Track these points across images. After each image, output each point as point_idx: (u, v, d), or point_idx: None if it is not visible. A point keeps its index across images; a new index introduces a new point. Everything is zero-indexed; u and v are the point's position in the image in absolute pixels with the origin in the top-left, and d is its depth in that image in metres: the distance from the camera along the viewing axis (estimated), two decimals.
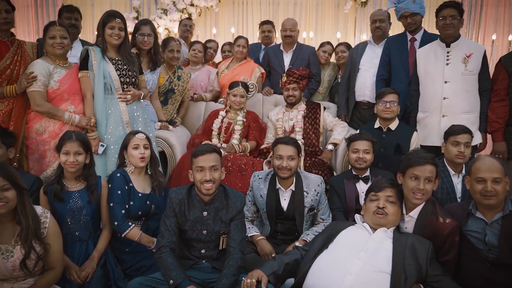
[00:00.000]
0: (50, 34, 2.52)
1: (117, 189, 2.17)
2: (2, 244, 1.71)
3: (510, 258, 1.70)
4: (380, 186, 1.94)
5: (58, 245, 1.85)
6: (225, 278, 1.82)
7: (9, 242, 1.72)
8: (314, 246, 1.86)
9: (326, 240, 1.86)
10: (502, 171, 1.78)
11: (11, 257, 1.70)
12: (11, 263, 1.70)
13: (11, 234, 1.74)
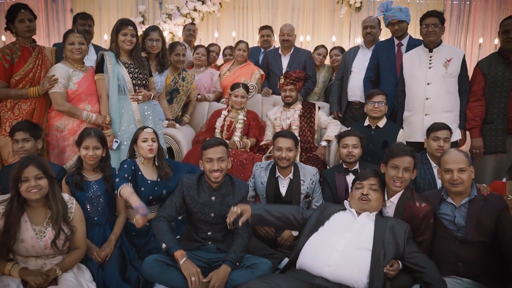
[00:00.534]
0: (69, 41, 2.77)
1: (124, 165, 2.41)
2: (36, 226, 1.96)
3: (475, 236, 1.95)
4: (364, 175, 2.19)
5: (82, 228, 2.11)
6: (233, 253, 2.08)
7: (42, 224, 1.98)
8: (310, 222, 2.11)
9: (319, 220, 2.10)
10: (467, 162, 2.03)
11: (43, 237, 1.96)
12: (43, 242, 1.95)
13: (43, 217, 1.99)
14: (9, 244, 1.90)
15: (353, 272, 1.90)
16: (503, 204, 1.99)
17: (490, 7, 5.55)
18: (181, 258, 2.00)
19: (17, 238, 1.91)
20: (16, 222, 1.92)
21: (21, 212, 1.95)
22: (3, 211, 1.92)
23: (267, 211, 2.15)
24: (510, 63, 2.89)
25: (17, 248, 1.93)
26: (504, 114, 2.86)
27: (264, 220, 2.16)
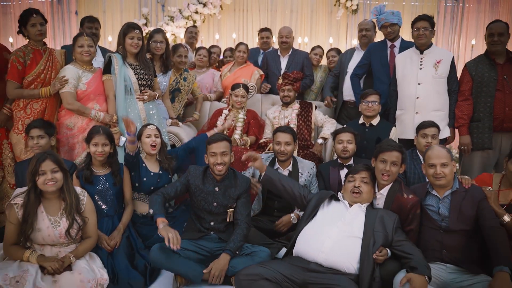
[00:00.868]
0: (79, 43, 2.93)
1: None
2: (51, 216, 2.12)
3: (457, 225, 2.11)
4: (356, 169, 2.35)
5: (93, 218, 2.26)
6: (232, 243, 2.25)
7: (57, 214, 2.14)
8: (309, 206, 2.29)
9: (317, 204, 2.28)
10: (449, 157, 2.19)
11: (58, 226, 2.12)
12: (58, 231, 2.11)
13: (58, 208, 2.15)
14: (27, 233, 2.06)
15: (345, 258, 2.05)
16: (483, 194, 2.15)
17: (482, 10, 5.70)
18: (161, 224, 2.17)
19: (34, 227, 2.07)
20: (33, 212, 2.07)
21: (38, 204, 2.10)
22: (21, 202, 2.08)
23: (279, 179, 2.38)
24: (495, 64, 3.06)
25: (34, 236, 2.09)
26: (490, 113, 3.02)
27: (273, 185, 2.38)
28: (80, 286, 2.02)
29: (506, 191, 2.30)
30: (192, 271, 2.20)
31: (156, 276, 2.39)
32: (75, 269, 2.07)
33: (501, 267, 1.90)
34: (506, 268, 1.90)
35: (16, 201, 2.08)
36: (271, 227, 2.70)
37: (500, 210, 2.15)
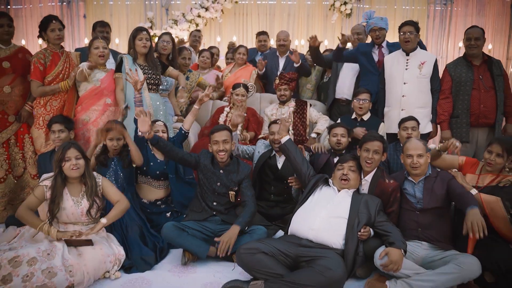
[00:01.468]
0: (94, 45, 3.23)
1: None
2: (74, 197, 2.43)
3: (430, 203, 2.40)
4: (345, 159, 2.64)
5: (112, 187, 2.56)
6: (242, 218, 2.56)
7: (78, 195, 2.44)
8: (308, 185, 2.60)
9: (314, 185, 2.58)
10: (424, 149, 2.48)
11: (80, 205, 2.42)
12: (80, 210, 2.42)
13: (79, 190, 2.46)
14: (54, 211, 2.36)
15: (332, 235, 2.34)
16: (451, 175, 2.46)
17: (470, 13, 6.01)
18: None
19: (60, 206, 2.37)
20: (60, 194, 2.38)
21: (63, 186, 2.41)
22: (50, 185, 2.38)
23: (296, 151, 2.72)
24: (472, 66, 3.36)
25: (59, 215, 2.39)
26: (467, 110, 3.32)
27: (288, 153, 2.73)
28: (102, 259, 2.33)
29: (484, 176, 2.59)
30: (198, 247, 2.50)
31: (165, 254, 2.68)
32: (96, 245, 2.38)
33: (471, 206, 2.17)
34: (475, 206, 2.17)
35: (45, 183, 2.38)
36: (268, 211, 3.01)
37: (467, 185, 2.45)
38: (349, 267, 2.27)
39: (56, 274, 2.10)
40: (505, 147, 2.49)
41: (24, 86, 3.26)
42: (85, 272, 2.21)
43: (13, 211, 3.23)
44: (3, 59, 3.18)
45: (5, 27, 3.19)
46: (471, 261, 2.13)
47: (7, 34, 3.22)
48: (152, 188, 3.01)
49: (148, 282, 2.34)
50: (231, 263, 2.54)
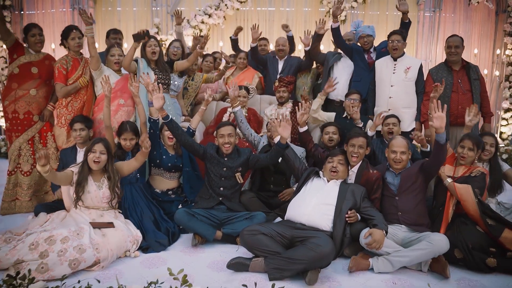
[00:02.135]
0: (111, 53, 3.60)
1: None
2: (96, 182, 2.79)
3: (407, 184, 2.76)
4: (334, 153, 2.99)
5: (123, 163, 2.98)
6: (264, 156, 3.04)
7: (99, 181, 2.81)
8: (302, 177, 2.93)
9: (307, 177, 2.91)
10: (407, 146, 2.84)
11: (101, 189, 2.79)
12: (101, 193, 2.78)
13: (100, 177, 2.83)
14: (79, 193, 2.74)
15: (322, 219, 2.67)
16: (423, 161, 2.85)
17: (457, 20, 6.36)
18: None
19: (85, 190, 2.74)
20: (85, 179, 2.76)
21: (88, 173, 2.78)
22: (77, 171, 2.76)
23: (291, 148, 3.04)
24: (452, 71, 3.71)
25: (84, 198, 2.76)
26: (447, 110, 3.66)
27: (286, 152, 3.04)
28: (122, 240, 2.68)
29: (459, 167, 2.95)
30: (206, 230, 2.85)
31: (177, 238, 3.03)
32: (117, 228, 2.73)
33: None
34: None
35: (73, 169, 2.78)
36: (268, 201, 3.36)
37: (443, 174, 2.81)
38: (337, 247, 2.61)
39: (85, 250, 2.46)
40: (475, 142, 2.85)
41: (47, 89, 3.62)
42: (109, 249, 2.56)
43: (37, 201, 3.61)
44: (32, 65, 3.55)
45: (37, 36, 3.56)
46: (440, 238, 2.49)
47: (39, 42, 3.58)
48: (164, 179, 3.36)
49: (163, 260, 2.69)
50: (235, 245, 2.89)
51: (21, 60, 3.54)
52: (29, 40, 3.58)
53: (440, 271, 2.50)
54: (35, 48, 3.59)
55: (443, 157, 2.72)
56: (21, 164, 3.59)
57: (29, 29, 3.58)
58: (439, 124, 2.58)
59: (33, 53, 3.59)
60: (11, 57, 3.59)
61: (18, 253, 2.43)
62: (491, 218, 2.64)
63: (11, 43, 3.55)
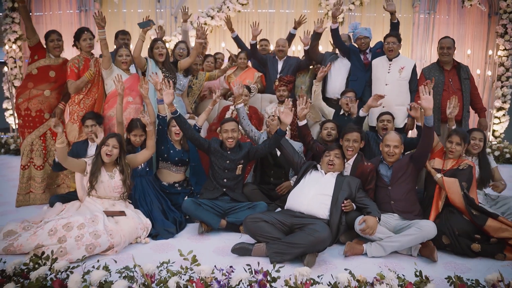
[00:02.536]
0: (119, 53, 3.80)
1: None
2: (108, 172, 2.99)
3: (398, 174, 2.97)
4: (331, 147, 3.19)
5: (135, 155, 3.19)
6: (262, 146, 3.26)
7: (111, 171, 3.01)
8: (301, 170, 3.12)
9: (305, 170, 3.10)
10: (400, 141, 3.04)
11: (113, 179, 2.99)
12: (113, 183, 2.98)
13: (112, 168, 3.02)
14: (93, 182, 2.94)
15: (319, 209, 2.87)
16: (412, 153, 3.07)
17: (451, 22, 6.57)
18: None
19: (98, 179, 2.95)
20: (98, 169, 2.96)
21: (102, 164, 2.98)
22: (90, 161, 2.97)
23: (287, 145, 3.25)
24: (443, 70, 3.92)
25: (98, 187, 2.96)
26: (438, 107, 3.88)
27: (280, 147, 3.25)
28: (134, 227, 2.88)
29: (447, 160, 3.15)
30: (212, 219, 3.06)
31: (183, 226, 3.24)
32: (129, 216, 2.94)
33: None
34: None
35: (87, 160, 3.00)
36: (269, 193, 3.56)
37: (432, 170, 3.01)
38: (333, 234, 2.82)
39: (100, 236, 2.66)
40: (462, 137, 3.06)
41: (60, 91, 3.85)
42: (122, 235, 2.76)
43: (50, 194, 3.81)
44: (51, 68, 3.79)
45: (55, 41, 3.79)
46: (428, 224, 2.69)
47: (57, 47, 3.80)
48: (171, 172, 3.56)
49: (172, 246, 2.89)
50: (238, 233, 3.10)
51: (40, 62, 3.78)
52: (48, 45, 3.81)
53: (428, 255, 2.70)
54: (54, 53, 3.81)
55: (430, 140, 2.96)
56: (34, 158, 3.79)
57: (49, 34, 3.81)
58: (427, 105, 2.85)
59: (53, 57, 3.80)
60: (32, 57, 3.81)
61: (38, 238, 2.63)
62: (476, 210, 2.84)
63: (35, 43, 3.78)
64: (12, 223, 2.93)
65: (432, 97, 2.85)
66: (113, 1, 6.57)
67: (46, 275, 2.12)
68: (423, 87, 2.90)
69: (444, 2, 6.59)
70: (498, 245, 2.75)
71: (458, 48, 6.55)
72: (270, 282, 2.10)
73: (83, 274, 2.10)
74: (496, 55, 6.49)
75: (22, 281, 2.09)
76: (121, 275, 2.12)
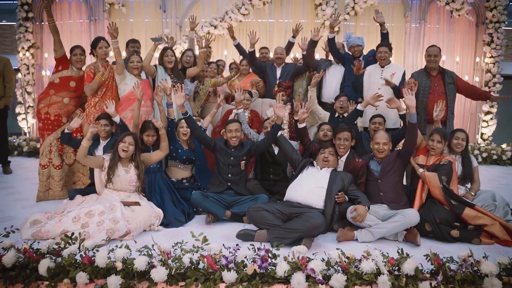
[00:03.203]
0: (130, 60, 4.15)
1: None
2: (124, 167, 3.31)
3: (387, 168, 3.29)
4: (325, 146, 3.52)
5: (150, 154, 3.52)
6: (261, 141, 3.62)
7: (127, 166, 3.33)
8: (298, 166, 3.45)
9: (302, 166, 3.43)
10: (388, 139, 3.38)
11: (128, 173, 3.31)
12: (129, 177, 3.30)
13: (128, 164, 3.34)
14: (110, 176, 3.26)
15: (315, 199, 3.19)
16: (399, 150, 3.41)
17: (441, 31, 6.95)
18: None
19: (115, 173, 3.27)
20: (115, 164, 3.29)
21: (118, 160, 3.30)
22: (107, 158, 3.30)
23: (286, 143, 3.60)
24: (430, 76, 4.27)
25: (114, 180, 3.28)
26: (425, 109, 4.22)
27: (280, 145, 3.61)
28: (147, 215, 3.20)
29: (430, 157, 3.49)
30: (218, 209, 3.38)
31: (192, 217, 3.56)
32: (143, 205, 3.25)
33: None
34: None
35: (105, 157, 3.33)
36: (270, 188, 3.89)
37: (416, 165, 3.34)
38: (327, 222, 3.13)
39: (118, 222, 2.97)
40: (442, 135, 3.40)
41: (78, 100, 4.22)
42: (137, 221, 3.08)
43: (67, 190, 4.12)
44: (72, 79, 4.15)
45: (78, 56, 4.15)
46: (412, 212, 3.02)
47: (79, 61, 4.17)
48: (179, 169, 3.89)
49: (182, 233, 3.20)
50: (242, 223, 3.41)
51: (63, 73, 4.15)
52: (71, 58, 4.18)
53: (412, 240, 3.02)
54: (76, 65, 4.18)
55: (414, 135, 3.31)
56: (52, 159, 4.13)
57: (73, 49, 4.19)
58: (410, 103, 3.26)
59: (75, 69, 4.16)
60: (56, 67, 4.19)
61: (63, 225, 2.95)
62: (455, 200, 3.17)
63: (60, 55, 4.16)
64: (36, 214, 3.25)
65: (414, 97, 3.19)
66: (121, 11, 6.94)
67: (75, 253, 2.44)
68: (407, 89, 3.25)
69: (434, 12, 6.97)
70: (475, 231, 3.07)
71: (448, 55, 6.94)
72: (271, 258, 2.42)
73: (108, 251, 2.42)
74: (483, 62, 6.86)
75: (55, 258, 2.41)
76: (141, 253, 2.44)
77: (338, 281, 2.28)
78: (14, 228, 2.83)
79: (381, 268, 2.33)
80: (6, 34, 7.68)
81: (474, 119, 7.09)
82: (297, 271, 2.31)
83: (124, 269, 2.33)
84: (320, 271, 2.32)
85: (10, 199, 4.10)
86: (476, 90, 4.45)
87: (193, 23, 5.06)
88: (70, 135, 3.75)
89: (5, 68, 5.12)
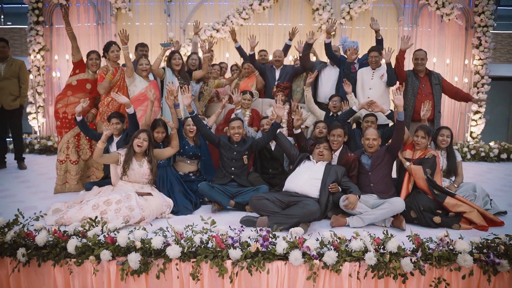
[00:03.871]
0: (139, 63, 4.47)
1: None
2: (138, 161, 3.64)
3: (377, 162, 3.62)
4: (320, 141, 3.86)
5: (162, 150, 3.83)
6: (261, 138, 3.94)
7: (141, 161, 3.65)
8: (296, 160, 3.77)
9: (300, 160, 3.75)
10: (377, 135, 3.71)
11: (141, 167, 3.63)
12: (142, 170, 3.62)
13: (141, 158, 3.67)
14: (125, 169, 3.59)
15: (311, 189, 3.52)
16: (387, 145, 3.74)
17: (433, 34, 7.28)
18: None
19: (130, 167, 3.59)
20: (130, 158, 3.61)
21: (133, 154, 3.63)
22: (123, 153, 3.62)
23: (285, 140, 3.92)
24: (418, 77, 4.61)
25: (129, 173, 3.61)
26: (412, 107, 4.56)
27: (279, 141, 3.93)
28: (159, 203, 3.52)
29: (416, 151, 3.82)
30: (223, 199, 3.71)
31: (198, 207, 3.89)
32: (155, 195, 3.58)
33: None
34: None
35: (121, 152, 3.65)
36: (269, 181, 4.21)
37: (403, 159, 3.68)
38: (322, 210, 3.46)
39: (133, 209, 3.30)
40: (426, 131, 3.73)
41: (93, 101, 4.54)
42: (151, 209, 3.40)
43: (82, 183, 4.45)
44: (88, 81, 4.50)
45: (94, 60, 4.48)
46: (398, 200, 3.35)
47: (94, 65, 4.50)
48: (186, 164, 4.22)
49: (190, 220, 3.51)
50: (245, 212, 3.73)
51: (80, 76, 4.50)
52: (87, 62, 4.52)
53: (398, 225, 3.35)
54: (92, 69, 4.52)
55: (402, 132, 3.64)
56: (70, 155, 4.45)
57: (89, 54, 4.52)
58: (398, 103, 3.59)
59: (91, 73, 4.50)
60: (74, 70, 4.53)
61: (84, 212, 3.28)
62: (437, 190, 3.50)
63: (77, 59, 4.51)
64: (57, 203, 3.59)
65: (402, 97, 3.54)
66: (127, 15, 7.26)
67: (98, 234, 2.77)
68: (396, 90, 3.59)
69: (425, 16, 7.31)
70: (455, 218, 3.40)
71: (439, 58, 7.28)
72: (272, 238, 2.75)
73: (128, 232, 2.75)
74: (472, 64, 7.20)
75: (81, 239, 2.74)
76: (156, 235, 2.76)
77: (330, 257, 2.61)
78: (42, 214, 3.16)
79: (368, 246, 2.67)
80: (16, 37, 7.99)
81: (463, 118, 7.43)
82: (294, 249, 2.65)
83: (143, 248, 2.66)
84: (315, 248, 2.66)
85: (29, 191, 4.43)
86: (459, 92, 4.78)
87: (197, 28, 5.37)
88: (82, 120, 4.06)
89: (20, 70, 5.45)
